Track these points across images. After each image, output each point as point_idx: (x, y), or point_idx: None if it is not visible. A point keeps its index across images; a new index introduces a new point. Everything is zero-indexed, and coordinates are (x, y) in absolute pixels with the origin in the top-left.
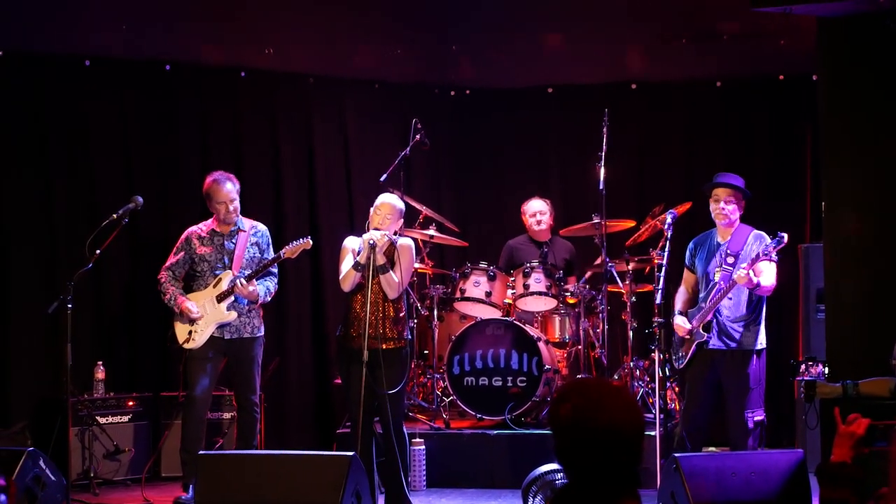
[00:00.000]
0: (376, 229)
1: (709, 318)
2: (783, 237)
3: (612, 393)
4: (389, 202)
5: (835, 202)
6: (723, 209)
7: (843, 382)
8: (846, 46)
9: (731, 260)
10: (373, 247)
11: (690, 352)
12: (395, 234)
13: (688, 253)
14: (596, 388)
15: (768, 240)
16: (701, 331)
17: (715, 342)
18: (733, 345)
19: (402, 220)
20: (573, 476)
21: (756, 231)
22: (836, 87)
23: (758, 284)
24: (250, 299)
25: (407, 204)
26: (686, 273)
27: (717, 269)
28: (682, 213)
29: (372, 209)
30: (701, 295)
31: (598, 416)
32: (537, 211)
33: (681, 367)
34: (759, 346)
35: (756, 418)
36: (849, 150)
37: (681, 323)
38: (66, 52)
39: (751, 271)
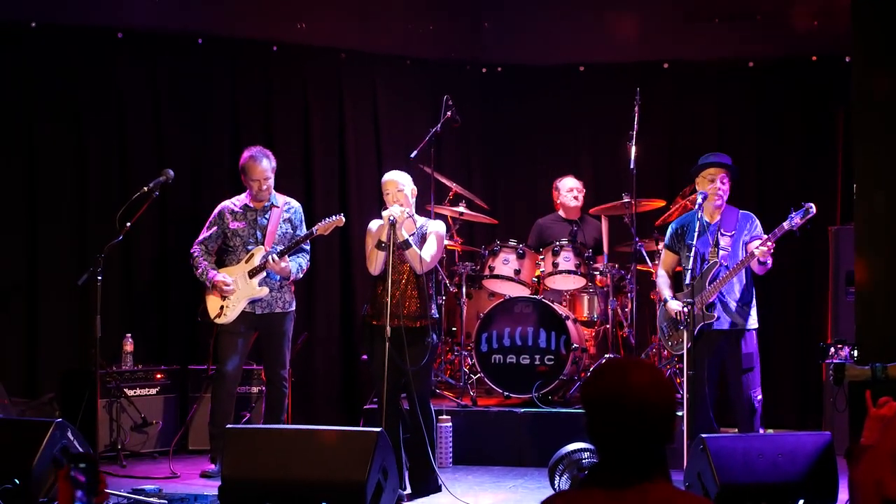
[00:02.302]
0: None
1: (712, 298)
2: (811, 207)
3: (646, 371)
4: (392, 179)
5: (866, 184)
6: (720, 189)
7: (871, 365)
8: (880, 27)
9: (727, 240)
10: (393, 224)
11: (695, 333)
12: (419, 213)
13: (671, 233)
14: (628, 366)
15: (757, 221)
16: (706, 311)
17: (719, 323)
18: (738, 325)
19: (416, 189)
20: (604, 455)
21: (742, 211)
22: (870, 69)
23: (768, 261)
24: (282, 275)
25: (437, 180)
26: (666, 254)
27: (713, 248)
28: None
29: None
30: (690, 274)
31: (631, 394)
32: (574, 187)
33: (679, 353)
34: (755, 325)
35: (758, 397)
36: (880, 133)
37: (676, 307)
38: (98, 25)
39: (772, 246)
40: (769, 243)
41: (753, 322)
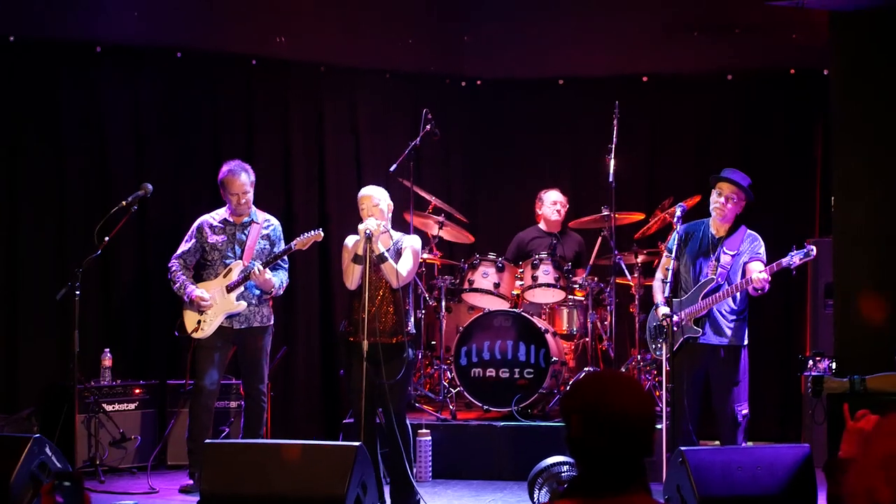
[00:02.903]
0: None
1: (703, 314)
2: (812, 249)
3: (625, 384)
4: (367, 194)
5: (844, 197)
6: (723, 204)
7: (850, 378)
8: (858, 41)
9: (727, 259)
10: (369, 237)
11: (677, 344)
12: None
13: (676, 238)
14: (609, 379)
15: (761, 241)
16: (693, 325)
17: (706, 337)
18: (724, 340)
19: (391, 205)
20: (584, 467)
21: (750, 231)
22: (848, 82)
23: (765, 287)
24: (265, 288)
25: (416, 194)
26: (667, 258)
27: (714, 264)
28: (692, 207)
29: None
30: (687, 285)
31: (611, 407)
32: (558, 201)
33: (660, 357)
34: (746, 342)
35: (744, 412)
36: (859, 145)
37: (664, 312)
38: (77, 39)
39: (769, 276)
40: (765, 274)
41: (745, 338)
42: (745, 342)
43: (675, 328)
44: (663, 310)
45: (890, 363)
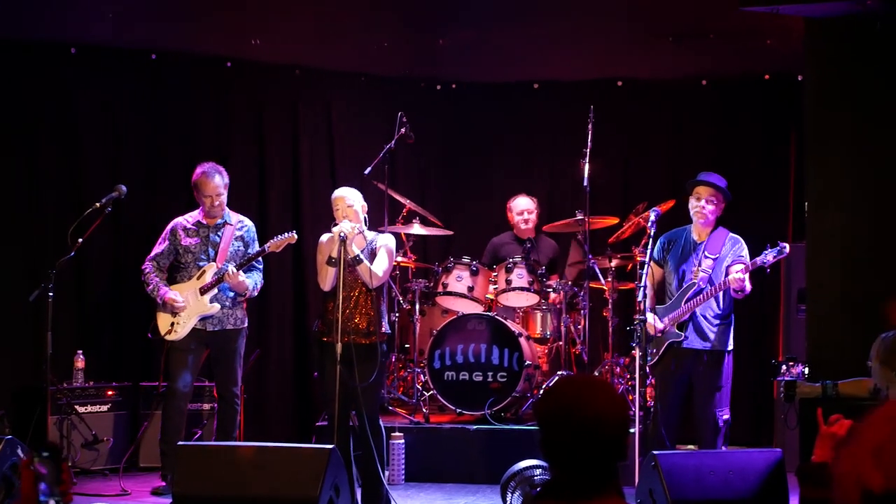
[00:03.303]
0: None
1: (685, 318)
2: (785, 247)
3: (599, 388)
4: (341, 195)
5: (818, 202)
6: (703, 208)
7: (822, 383)
8: (833, 47)
9: (708, 262)
10: (343, 240)
11: (661, 349)
12: (371, 230)
13: (658, 247)
14: (583, 383)
15: (744, 244)
16: (675, 330)
17: (689, 342)
18: (708, 345)
19: (366, 206)
20: (557, 470)
21: (732, 234)
22: (822, 88)
23: (744, 288)
24: (239, 290)
25: (391, 197)
26: (653, 266)
27: (696, 268)
28: (666, 211)
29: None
30: (671, 291)
31: (584, 410)
32: (525, 209)
33: (649, 364)
34: (730, 347)
35: (724, 417)
36: (833, 151)
37: (651, 321)
38: (52, 40)
39: (746, 276)
40: (742, 274)
41: (730, 344)
42: (730, 347)
43: (659, 333)
44: (648, 316)
45: (862, 368)
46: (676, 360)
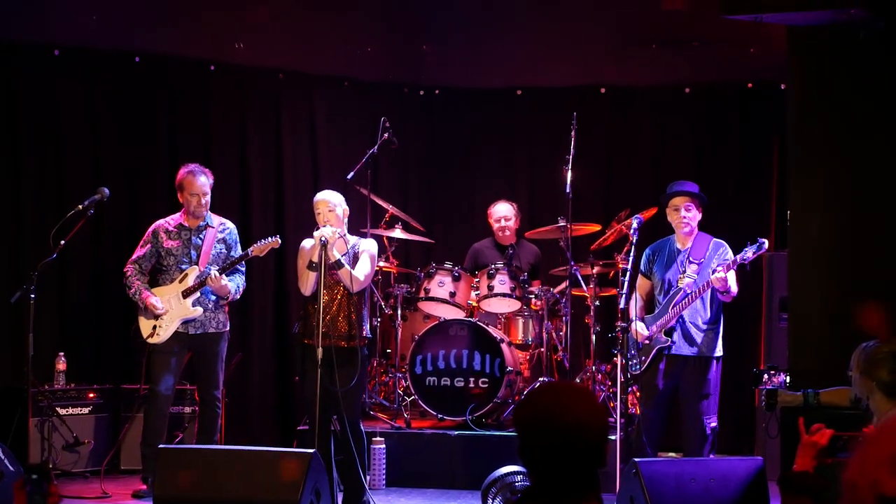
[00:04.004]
0: (326, 226)
1: (672, 323)
2: (764, 243)
3: (578, 395)
4: (324, 198)
5: (800, 210)
6: (684, 217)
7: (804, 391)
8: (816, 55)
9: (693, 267)
10: (324, 244)
11: (650, 357)
12: (353, 234)
13: (644, 259)
14: (562, 389)
15: (728, 248)
16: (663, 336)
17: (677, 348)
18: (695, 350)
19: (347, 210)
20: (536, 477)
21: (715, 239)
22: (805, 96)
23: (728, 289)
24: (221, 294)
25: (373, 202)
26: (641, 279)
27: (681, 275)
28: (648, 219)
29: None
30: (659, 300)
31: (564, 417)
32: (502, 216)
33: (637, 372)
34: (718, 353)
35: (712, 424)
36: (815, 160)
37: (640, 329)
38: (35, 42)
39: (729, 274)
40: (722, 273)
41: (718, 350)
42: (718, 354)
43: (646, 341)
44: (637, 325)
45: (843, 377)
46: (664, 366)
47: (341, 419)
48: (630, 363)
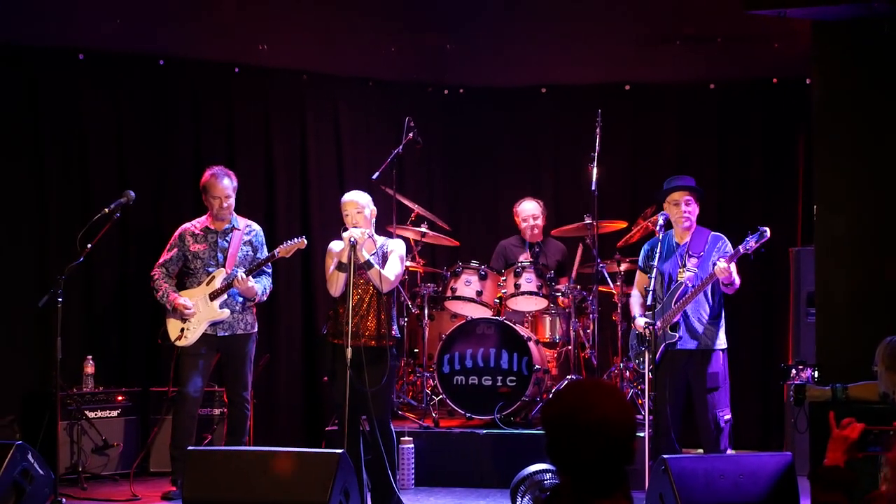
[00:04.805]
0: (355, 227)
1: (676, 318)
2: (765, 231)
3: (606, 392)
4: (352, 199)
5: (826, 205)
6: (685, 211)
7: (832, 386)
8: (840, 50)
9: (694, 261)
10: (353, 245)
11: (659, 353)
12: (380, 234)
13: (643, 255)
14: (589, 387)
15: (727, 241)
16: (669, 331)
17: (682, 342)
18: (700, 344)
19: (375, 210)
20: (565, 475)
21: (713, 233)
22: (830, 91)
23: (733, 280)
24: (248, 295)
25: (399, 202)
26: (639, 275)
27: (681, 269)
28: None
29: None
30: (659, 296)
31: (591, 414)
32: (530, 215)
33: (644, 370)
34: (722, 346)
35: (726, 417)
36: (841, 154)
37: (641, 324)
38: (59, 46)
39: (732, 266)
40: (725, 264)
41: (721, 342)
42: (723, 346)
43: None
44: (640, 321)
45: (871, 372)
46: (673, 363)
47: (371, 419)
48: (636, 361)
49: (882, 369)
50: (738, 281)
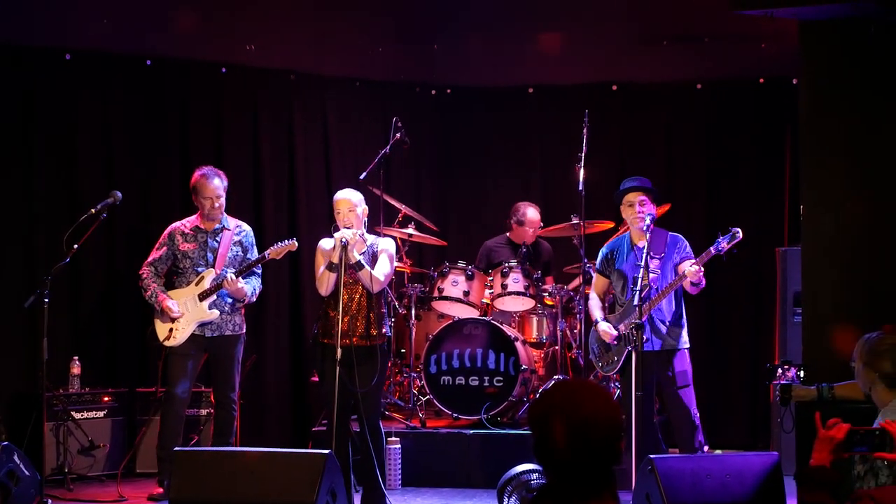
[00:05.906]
0: (346, 227)
1: (642, 320)
2: (737, 232)
3: (593, 392)
4: (345, 197)
5: (813, 206)
6: (640, 212)
7: (818, 386)
8: (827, 50)
9: (655, 263)
10: (345, 245)
11: (623, 356)
12: (369, 232)
13: (602, 258)
14: (576, 386)
15: (685, 241)
16: (633, 334)
17: (648, 344)
18: (665, 344)
19: (367, 209)
20: (551, 475)
21: (671, 233)
22: (817, 91)
23: (701, 281)
24: (237, 296)
25: (386, 202)
26: (598, 278)
27: (643, 271)
28: (661, 215)
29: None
30: (621, 299)
31: (577, 414)
32: (537, 224)
33: (610, 373)
34: (687, 344)
35: (697, 414)
36: (828, 154)
37: (607, 329)
38: (46, 46)
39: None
40: (696, 267)
41: (685, 342)
42: (687, 345)
43: (615, 342)
44: (603, 325)
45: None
46: (639, 364)
47: (360, 419)
48: (599, 364)
49: (860, 365)
50: (703, 282)
